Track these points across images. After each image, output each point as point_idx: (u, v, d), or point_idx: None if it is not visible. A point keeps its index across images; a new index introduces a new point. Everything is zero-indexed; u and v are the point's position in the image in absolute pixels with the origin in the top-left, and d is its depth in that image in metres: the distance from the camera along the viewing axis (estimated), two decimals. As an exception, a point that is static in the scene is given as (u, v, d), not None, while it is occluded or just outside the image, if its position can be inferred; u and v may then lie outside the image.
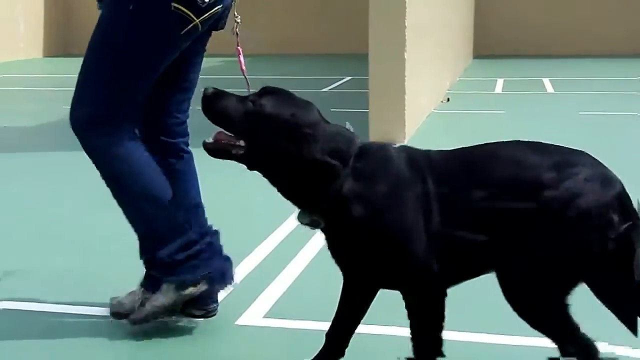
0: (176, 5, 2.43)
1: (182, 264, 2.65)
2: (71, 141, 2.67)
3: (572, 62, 13.78)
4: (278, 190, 2.11)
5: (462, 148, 2.16)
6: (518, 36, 15.73)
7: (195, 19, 2.48)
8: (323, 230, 2.11)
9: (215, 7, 2.52)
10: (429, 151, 2.14)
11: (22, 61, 15.39)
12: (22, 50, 16.08)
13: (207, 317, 2.79)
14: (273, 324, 2.83)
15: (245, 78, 2.57)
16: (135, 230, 2.69)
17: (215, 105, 2.13)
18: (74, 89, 2.62)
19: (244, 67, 2.64)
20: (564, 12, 15.80)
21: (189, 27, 2.48)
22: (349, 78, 11.42)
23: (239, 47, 2.65)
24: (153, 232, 2.66)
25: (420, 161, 2.07)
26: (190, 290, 2.66)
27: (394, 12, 6.15)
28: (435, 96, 8.43)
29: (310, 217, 2.08)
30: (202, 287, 2.68)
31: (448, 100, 8.76)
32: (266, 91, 2.13)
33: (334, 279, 2.28)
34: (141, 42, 2.49)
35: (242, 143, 2.10)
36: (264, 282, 3.20)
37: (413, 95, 6.54)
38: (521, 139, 2.11)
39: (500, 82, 10.88)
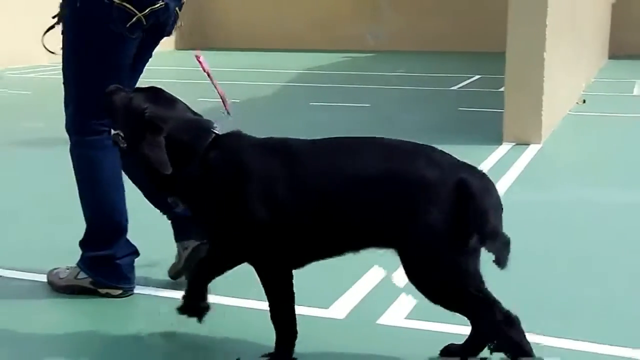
0: (119, 2, 2.70)
1: (98, 267, 2.97)
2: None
3: None
4: (148, 180, 2.38)
5: (329, 138, 2.34)
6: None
7: (137, 12, 2.73)
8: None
9: (156, 3, 2.77)
10: (290, 140, 2.32)
11: (155, 53, 15.93)
12: (156, 43, 16.64)
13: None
14: (414, 325, 2.80)
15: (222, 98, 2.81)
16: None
17: (106, 101, 2.45)
18: (201, 82, 2.73)
19: (216, 82, 2.86)
20: None
21: (132, 20, 2.74)
22: (477, 77, 11.22)
23: (203, 64, 2.88)
24: (90, 231, 2.98)
25: (276, 150, 2.26)
26: (106, 291, 3.00)
27: (535, 11, 5.99)
28: (571, 97, 8.16)
29: (171, 198, 2.39)
30: (116, 291, 2.99)
31: (584, 102, 8.46)
32: (141, 89, 2.45)
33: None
34: (94, 40, 2.77)
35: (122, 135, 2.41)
36: (404, 281, 3.16)
37: (550, 97, 6.35)
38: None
39: (638, 84, 10.41)
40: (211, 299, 2.60)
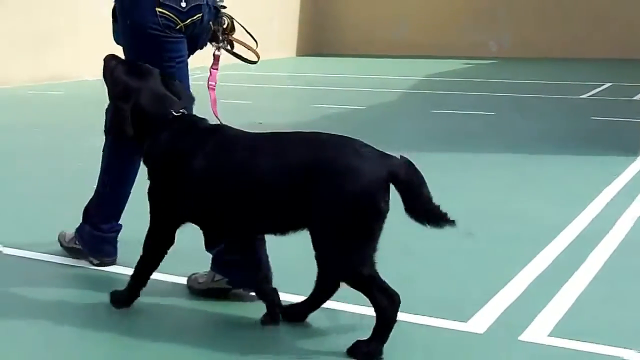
0: (161, 10, 2.91)
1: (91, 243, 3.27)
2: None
3: None
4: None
5: (273, 132, 2.60)
6: None
7: (179, 21, 2.95)
8: None
9: (195, 14, 2.98)
10: (232, 130, 2.61)
11: (276, 60, 16.13)
12: (275, 50, 16.85)
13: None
14: (558, 343, 2.61)
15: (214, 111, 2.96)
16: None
17: (103, 66, 2.82)
18: (319, 88, 2.66)
19: (214, 98, 3.05)
20: None
21: (175, 28, 2.95)
22: (608, 84, 10.72)
23: (212, 70, 3.07)
24: (96, 206, 3.28)
25: (220, 136, 2.56)
26: (97, 262, 3.27)
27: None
28: None
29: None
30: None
31: None
32: (127, 62, 2.81)
33: (626, 295, 2.06)
34: (140, 46, 2.97)
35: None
36: (547, 295, 2.99)
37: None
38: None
39: None
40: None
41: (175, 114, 2.64)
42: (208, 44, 3.15)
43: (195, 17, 2.99)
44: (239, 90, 10.69)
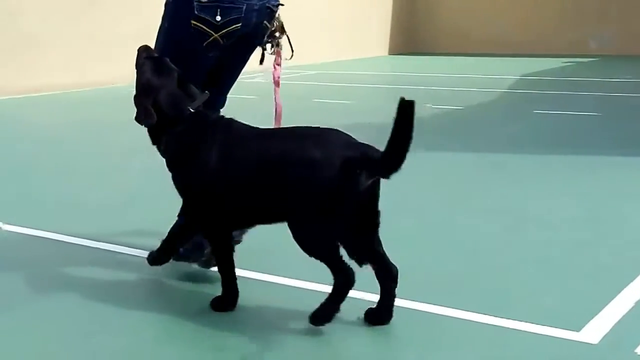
0: (196, 23, 2.97)
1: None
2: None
3: None
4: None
5: (268, 129, 2.87)
6: None
7: (213, 33, 2.97)
8: None
9: (231, 25, 3.00)
10: (236, 123, 2.83)
11: (369, 58, 16.11)
12: (369, 48, 16.83)
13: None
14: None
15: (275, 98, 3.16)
16: None
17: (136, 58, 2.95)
18: (414, 87, 2.62)
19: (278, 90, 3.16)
20: None
21: (209, 40, 3.00)
22: None
23: (275, 65, 3.18)
24: None
25: (230, 131, 2.78)
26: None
27: None
28: None
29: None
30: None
31: None
32: (152, 58, 2.91)
33: None
34: (174, 53, 3.01)
35: None
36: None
37: None
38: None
39: None
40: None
41: (192, 111, 2.84)
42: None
43: (231, 28, 3.01)
44: (336, 89, 10.73)
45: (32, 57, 10.28)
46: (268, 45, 3.19)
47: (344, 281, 2.62)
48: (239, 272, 2.89)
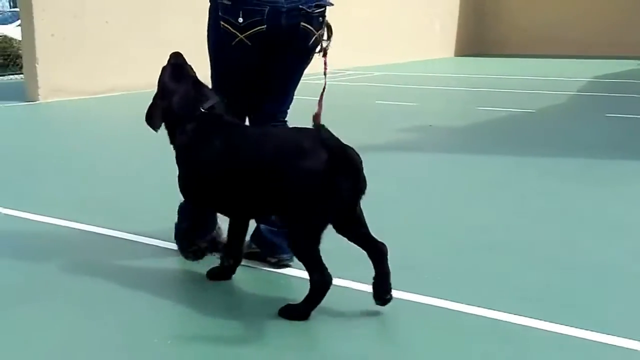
0: (223, 24, 3.09)
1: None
2: (477, 143, 2.44)
3: None
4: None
5: (269, 129, 3.14)
6: None
7: (238, 34, 3.06)
8: None
9: (255, 27, 3.07)
10: (241, 125, 3.17)
11: (435, 60, 15.89)
12: (435, 50, 16.61)
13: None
14: None
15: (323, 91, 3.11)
16: None
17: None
18: (480, 90, 2.45)
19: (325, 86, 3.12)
20: None
21: (236, 40, 3.09)
22: None
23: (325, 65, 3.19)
24: None
25: (223, 131, 2.96)
26: (275, 260, 3.32)
27: None
28: None
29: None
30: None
31: None
32: (170, 65, 3.14)
33: None
34: (213, 49, 3.25)
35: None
36: None
37: None
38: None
39: None
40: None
41: (203, 111, 3.01)
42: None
43: (254, 30, 3.07)
44: (403, 91, 10.57)
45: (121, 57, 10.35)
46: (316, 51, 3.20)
47: (320, 282, 2.70)
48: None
